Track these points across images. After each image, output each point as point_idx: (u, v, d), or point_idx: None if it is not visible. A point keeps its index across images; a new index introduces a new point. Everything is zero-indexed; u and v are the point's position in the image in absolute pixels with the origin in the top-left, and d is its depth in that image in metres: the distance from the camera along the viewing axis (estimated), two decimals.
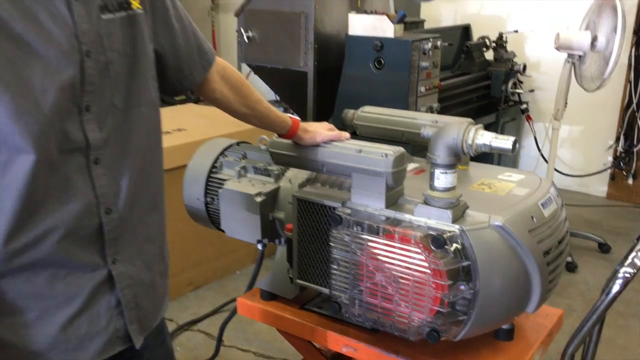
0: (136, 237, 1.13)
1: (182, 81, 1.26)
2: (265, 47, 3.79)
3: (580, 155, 4.60)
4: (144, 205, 1.15)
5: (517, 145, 1.32)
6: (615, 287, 1.24)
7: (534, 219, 1.39)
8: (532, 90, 4.57)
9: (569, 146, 4.62)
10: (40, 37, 0.94)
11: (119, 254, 1.09)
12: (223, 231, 1.87)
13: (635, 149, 4.24)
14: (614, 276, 1.27)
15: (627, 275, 1.23)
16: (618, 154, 4.33)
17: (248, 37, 3.84)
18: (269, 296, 1.75)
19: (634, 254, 1.26)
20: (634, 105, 4.14)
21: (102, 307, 1.08)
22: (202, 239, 3.01)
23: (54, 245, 1.00)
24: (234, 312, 1.99)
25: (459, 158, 1.37)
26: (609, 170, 4.44)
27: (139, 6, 1.10)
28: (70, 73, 0.98)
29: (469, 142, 1.34)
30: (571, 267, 3.37)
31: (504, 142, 1.32)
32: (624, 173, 4.35)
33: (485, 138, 1.34)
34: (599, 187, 4.53)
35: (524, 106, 4.34)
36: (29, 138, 0.93)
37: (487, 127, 1.53)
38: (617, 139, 4.32)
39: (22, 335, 1.03)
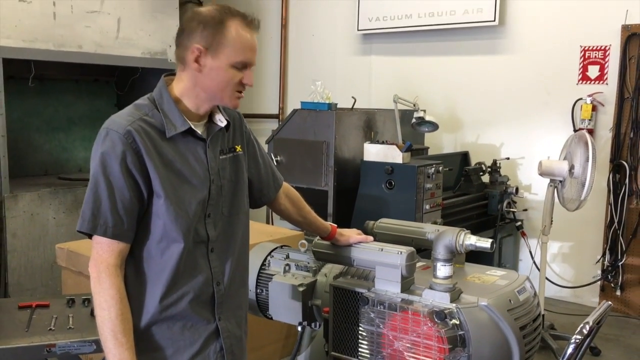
0: (232, 303, 1.64)
1: (262, 198, 1.82)
2: (292, 169, 4.41)
3: (572, 268, 5.06)
4: (238, 282, 1.66)
5: (495, 245, 1.85)
6: (569, 350, 1.70)
7: (511, 302, 1.88)
8: (525, 210, 5.13)
9: (561, 260, 5.09)
10: (190, 171, 1.52)
11: (222, 313, 1.60)
12: (269, 317, 2.35)
13: (620, 263, 4.72)
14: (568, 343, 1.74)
15: (577, 340, 1.70)
16: (605, 267, 4.80)
17: (277, 161, 4.48)
18: None
19: (582, 325, 1.74)
20: (616, 224, 4.68)
21: (211, 350, 1.57)
22: None
23: (186, 304, 1.51)
24: None
25: (454, 255, 1.89)
26: (598, 283, 4.88)
27: (240, 150, 1.69)
28: (204, 193, 1.54)
29: (460, 242, 1.87)
30: None
31: (484, 242, 1.86)
32: (612, 285, 4.79)
33: (472, 240, 1.87)
34: (591, 297, 4.94)
35: (519, 223, 4.87)
36: (180, 233, 1.48)
37: None
38: (604, 254, 4.81)
39: None
